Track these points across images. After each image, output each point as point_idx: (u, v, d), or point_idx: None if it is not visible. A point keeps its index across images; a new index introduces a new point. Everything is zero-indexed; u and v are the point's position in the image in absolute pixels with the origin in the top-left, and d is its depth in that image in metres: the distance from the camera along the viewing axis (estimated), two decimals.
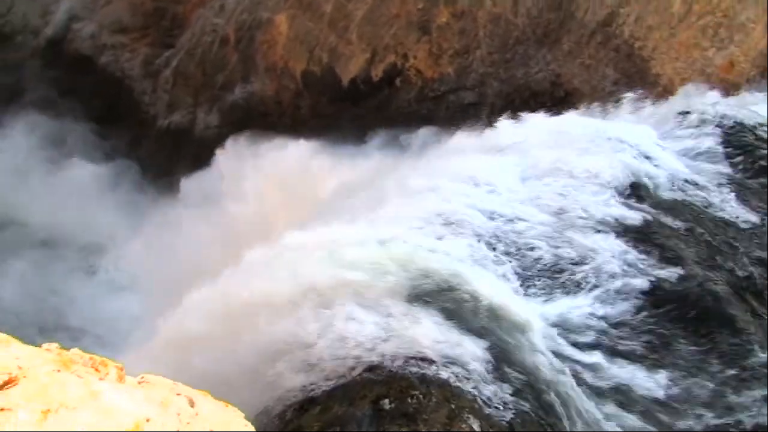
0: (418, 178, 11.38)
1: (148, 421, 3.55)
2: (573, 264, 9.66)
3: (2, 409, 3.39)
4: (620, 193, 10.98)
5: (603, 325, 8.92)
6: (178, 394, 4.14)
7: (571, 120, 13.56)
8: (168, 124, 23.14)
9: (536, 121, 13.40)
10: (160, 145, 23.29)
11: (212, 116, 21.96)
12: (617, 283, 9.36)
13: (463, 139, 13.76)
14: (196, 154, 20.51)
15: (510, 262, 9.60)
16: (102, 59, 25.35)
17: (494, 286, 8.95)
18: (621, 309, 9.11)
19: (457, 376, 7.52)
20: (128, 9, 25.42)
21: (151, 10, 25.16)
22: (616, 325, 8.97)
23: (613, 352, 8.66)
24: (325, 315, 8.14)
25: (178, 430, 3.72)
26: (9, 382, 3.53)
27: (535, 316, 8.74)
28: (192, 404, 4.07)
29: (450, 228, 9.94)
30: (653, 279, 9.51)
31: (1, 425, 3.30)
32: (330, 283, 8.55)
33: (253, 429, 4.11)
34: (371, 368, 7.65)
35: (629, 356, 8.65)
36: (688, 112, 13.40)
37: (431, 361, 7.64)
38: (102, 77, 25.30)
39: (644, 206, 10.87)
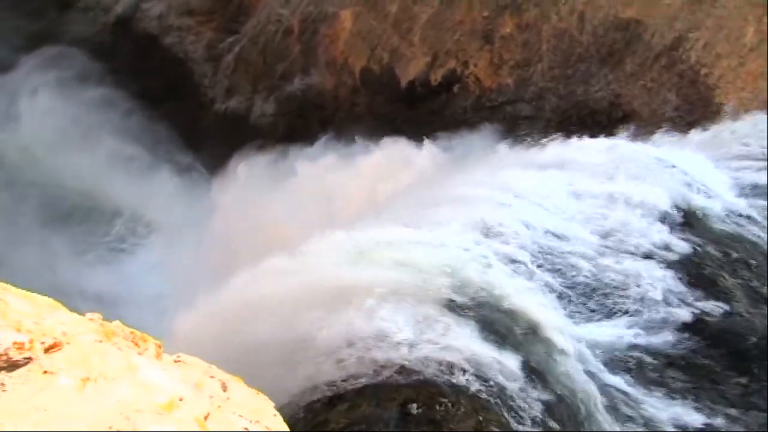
0: (467, 186, 11.34)
1: (181, 400, 3.60)
2: (615, 288, 9.54)
3: (45, 372, 3.47)
4: (670, 221, 10.79)
5: (641, 353, 8.79)
6: (212, 377, 4.19)
7: (627, 142, 13.37)
8: (225, 108, 23.43)
9: (591, 140, 13.24)
10: (215, 128, 23.60)
11: (269, 105, 22.17)
12: (659, 312, 9.20)
13: (515, 151, 13.69)
14: (250, 140, 20.71)
15: (552, 279, 9.51)
16: (167, 40, 25.80)
17: (534, 302, 8.88)
18: (661, 339, 8.95)
19: (488, 389, 7.49)
20: None
21: None
22: (655, 354, 8.82)
23: (648, 382, 8.52)
24: (362, 313, 8.17)
25: (209, 412, 3.77)
26: (54, 347, 3.61)
27: (572, 336, 8.65)
28: (224, 388, 4.12)
29: (494, 239, 9.89)
30: (697, 311, 9.32)
31: (43, 387, 3.38)
32: (371, 282, 8.58)
33: (281, 419, 4.15)
34: (402, 371, 7.66)
35: (665, 388, 8.50)
36: (748, 144, 13.12)
37: (463, 371, 7.62)
38: (165, 57, 25.75)
39: (694, 236, 10.66)
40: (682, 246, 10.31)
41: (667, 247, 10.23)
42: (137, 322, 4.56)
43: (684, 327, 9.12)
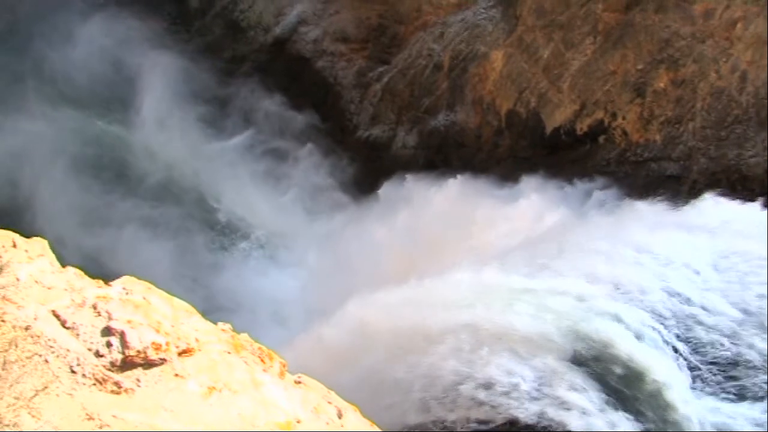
0: (602, 240, 11.05)
1: (299, 422, 3.68)
2: (750, 368, 8.99)
3: (177, 375, 3.64)
4: None
5: None
6: (330, 403, 4.26)
7: None
8: (368, 135, 23.92)
9: (740, 207, 12.62)
10: (356, 154, 24.14)
11: (411, 137, 22.46)
12: None
13: (657, 210, 13.23)
14: (390, 169, 21.05)
15: (683, 347, 9.10)
16: (319, 63, 26.68)
17: (661, 368, 8.52)
18: None
19: None
20: (354, 21, 26.61)
21: (374, 25, 26.19)
22: None
23: None
24: (477, 356, 8.09)
25: None
26: (186, 352, 3.78)
27: (698, 410, 8.23)
28: (340, 415, 4.17)
29: (624, 297, 9.59)
30: None
31: (173, 389, 3.55)
32: (489, 326, 8.50)
33: None
34: (512, 422, 7.52)
35: None
36: None
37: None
38: (315, 80, 26.65)
39: None
40: None
41: None
42: (258, 333, 4.71)
43: None
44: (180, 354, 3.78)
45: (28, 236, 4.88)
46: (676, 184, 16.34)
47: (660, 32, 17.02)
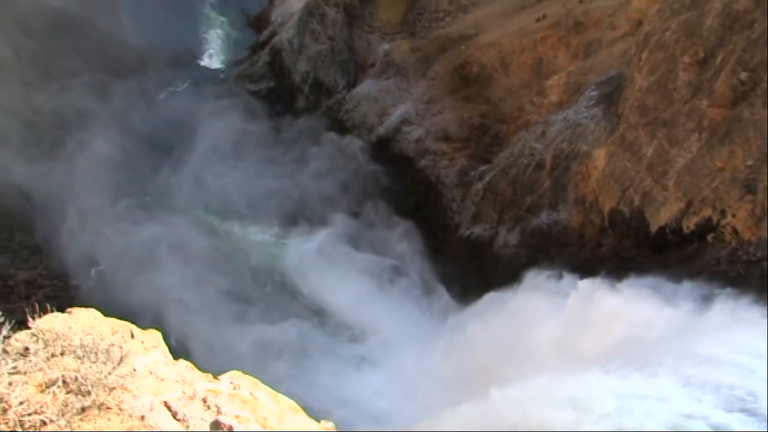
0: (715, 346, 10.58)
1: None
2: None
3: None
4: None
5: None
6: None
7: None
8: (469, 234, 24.07)
9: None
10: (457, 252, 24.26)
11: (513, 235, 22.45)
12: None
13: None
14: (490, 268, 21.05)
15: None
16: (421, 162, 27.30)
17: None
18: None
19: None
20: (456, 121, 27.24)
21: (477, 124, 26.71)
22: None
23: None
24: None
25: None
26: None
27: None
28: None
29: (735, 407, 9.09)
30: None
31: None
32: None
33: None
34: None
35: None
36: None
37: None
38: (417, 178, 27.21)
39: None
40: None
41: None
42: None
43: None
44: None
45: (144, 328, 5.18)
46: None
47: None
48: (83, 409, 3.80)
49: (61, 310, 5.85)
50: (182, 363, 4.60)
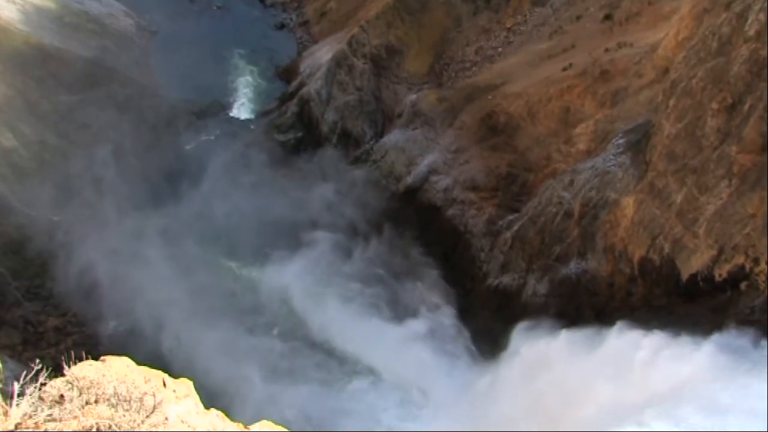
0: (753, 398, 10.37)
1: None
2: None
3: None
4: None
5: None
6: None
7: None
8: (497, 283, 23.93)
9: None
10: (486, 302, 24.10)
11: (542, 285, 22.27)
12: None
13: None
14: (519, 317, 20.87)
15: None
16: (449, 211, 27.30)
17: None
18: None
19: None
20: (483, 170, 27.28)
21: (504, 174, 26.72)
22: None
23: None
24: None
25: None
26: None
27: None
28: None
29: None
30: None
31: None
32: None
33: None
34: None
35: None
36: None
37: None
38: (445, 228, 27.19)
39: None
40: None
41: None
42: None
43: None
44: None
45: (175, 376, 5.21)
46: None
47: None
48: None
49: (93, 357, 5.91)
50: (213, 412, 4.63)
